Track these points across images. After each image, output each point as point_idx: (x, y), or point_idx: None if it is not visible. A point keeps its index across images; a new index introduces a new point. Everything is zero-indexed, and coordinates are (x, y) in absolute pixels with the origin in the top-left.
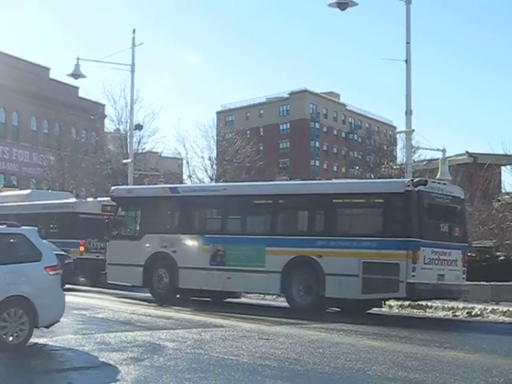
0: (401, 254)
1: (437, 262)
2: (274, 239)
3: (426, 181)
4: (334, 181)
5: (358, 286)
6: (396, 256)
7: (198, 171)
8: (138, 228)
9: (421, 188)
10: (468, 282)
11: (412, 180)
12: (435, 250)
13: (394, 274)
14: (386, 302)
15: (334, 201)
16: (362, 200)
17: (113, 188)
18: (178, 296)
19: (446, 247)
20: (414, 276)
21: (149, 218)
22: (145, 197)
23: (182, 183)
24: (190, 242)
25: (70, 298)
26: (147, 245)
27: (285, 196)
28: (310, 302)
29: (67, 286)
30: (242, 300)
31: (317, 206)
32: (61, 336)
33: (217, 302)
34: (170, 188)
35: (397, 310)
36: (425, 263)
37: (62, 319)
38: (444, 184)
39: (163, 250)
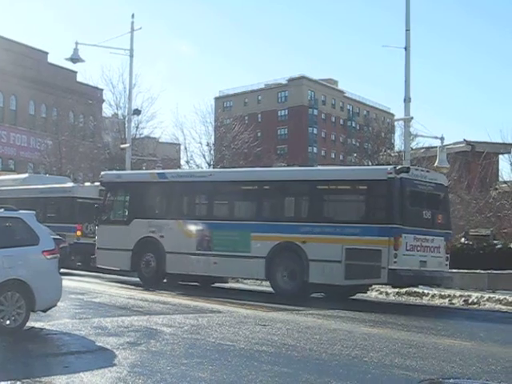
0: (383, 240)
1: (419, 248)
2: (260, 225)
3: (409, 168)
4: (318, 168)
5: (341, 272)
6: (378, 242)
7: (196, 157)
8: (126, 213)
9: (403, 175)
10: (465, 270)
11: (394, 167)
12: (417, 236)
13: (376, 261)
14: (383, 289)
15: (318, 187)
16: (346, 187)
17: (102, 173)
18: (165, 281)
19: (428, 234)
20: (395, 262)
21: (137, 204)
22: (133, 182)
23: (179, 169)
24: (178, 228)
25: (66, 282)
26: (135, 230)
27: (270, 182)
28: (294, 288)
29: (63, 270)
30: (231, 285)
31: (301, 193)
32: (58, 320)
33: (205, 287)
34: (157, 173)
35: (393, 298)
36: (407, 250)
37: (58, 303)
38: (427, 171)
39: (151, 235)
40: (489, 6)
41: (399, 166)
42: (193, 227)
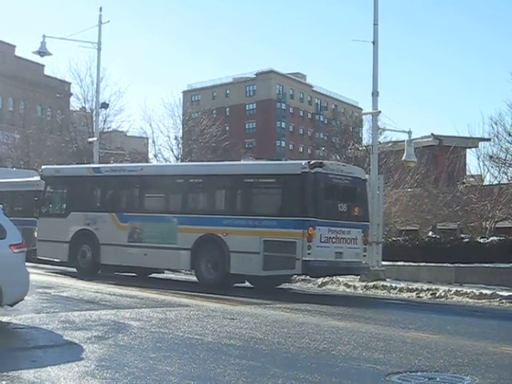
0: (297, 232)
1: (334, 240)
2: (185, 218)
3: (322, 162)
4: (237, 162)
5: (259, 263)
6: (292, 235)
7: (164, 150)
8: (64, 206)
9: (317, 169)
10: (432, 264)
11: (308, 162)
12: (332, 228)
13: (291, 252)
14: (351, 283)
15: (238, 181)
16: (264, 181)
17: (42, 167)
18: (99, 272)
19: (344, 226)
20: (309, 254)
21: (74, 197)
22: (71, 176)
23: (147, 162)
24: (111, 220)
25: (34, 276)
26: (73, 222)
27: (195, 176)
28: (217, 278)
29: (30, 263)
30: (167, 275)
31: (222, 187)
32: (25, 314)
33: (142, 277)
34: (93, 168)
35: (361, 291)
36: (321, 241)
37: (26, 297)
38: (343, 165)
39: (87, 228)
40: None
41: (313, 161)
42: (124, 220)
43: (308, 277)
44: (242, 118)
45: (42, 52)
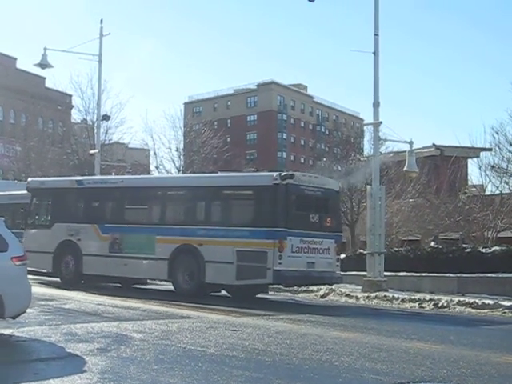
0: (268, 243)
1: (306, 250)
2: (163, 229)
3: (293, 174)
4: (211, 174)
5: (233, 272)
6: (264, 245)
7: (166, 162)
8: (49, 217)
9: (289, 181)
10: (435, 274)
11: (280, 174)
12: (304, 239)
13: (262, 262)
14: (353, 294)
15: (212, 193)
16: (237, 192)
17: (28, 180)
18: (82, 282)
19: (316, 236)
20: (280, 263)
21: (58, 208)
22: (55, 188)
23: (149, 174)
24: (92, 231)
25: (35, 288)
26: (56, 233)
27: (172, 188)
28: (193, 287)
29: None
30: (151, 286)
31: (198, 198)
32: (27, 327)
33: (126, 288)
34: (76, 180)
35: (363, 302)
36: (292, 251)
37: (28, 310)
38: (316, 177)
39: (70, 239)
40: (460, 6)
41: (284, 173)
42: (105, 231)
43: (309, 287)
44: (243, 130)
45: (44, 64)
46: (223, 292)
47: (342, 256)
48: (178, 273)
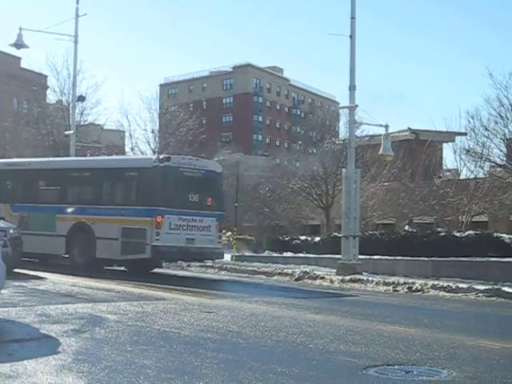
0: (147, 220)
1: (185, 227)
2: (62, 208)
3: (170, 157)
4: (100, 157)
5: (118, 248)
6: (143, 222)
7: (141, 144)
8: None
9: (167, 163)
10: (409, 258)
11: (158, 157)
12: (183, 217)
13: (142, 238)
14: (328, 277)
15: (102, 175)
16: (122, 174)
17: None
18: None
19: (196, 215)
20: (158, 239)
21: None
22: None
23: (124, 155)
24: (4, 210)
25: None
26: None
27: (69, 170)
28: (86, 262)
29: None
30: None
31: (90, 180)
32: (1, 308)
33: (43, 263)
34: None
35: (338, 285)
36: (170, 228)
37: (2, 291)
38: (197, 159)
39: None
40: None
41: (162, 156)
42: (15, 209)
43: (284, 270)
44: (219, 112)
45: (19, 44)
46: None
47: (317, 239)
48: (74, 248)
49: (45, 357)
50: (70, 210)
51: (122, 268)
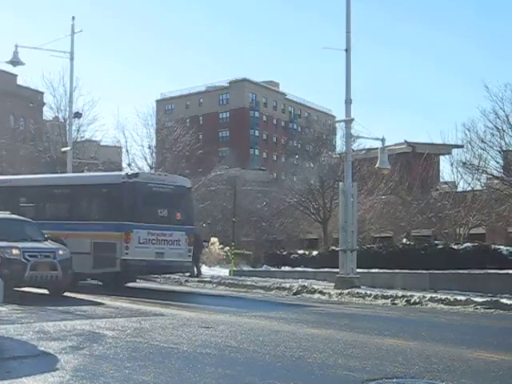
0: (116, 235)
1: (154, 241)
2: (38, 223)
3: (138, 173)
4: (72, 174)
5: (90, 262)
6: (113, 237)
7: (138, 159)
8: None
9: (135, 179)
10: (407, 271)
11: (127, 173)
12: (152, 231)
13: (112, 252)
14: (326, 291)
15: (74, 191)
16: (94, 190)
17: None
18: None
19: (165, 229)
20: (127, 254)
21: None
22: None
23: (121, 171)
24: None
25: None
26: None
27: (44, 187)
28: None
29: None
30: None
31: (63, 196)
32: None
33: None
34: None
35: (336, 298)
36: (140, 243)
37: (0, 308)
38: (165, 175)
39: None
40: (433, 10)
41: (130, 172)
42: None
43: (282, 284)
44: (216, 127)
45: (15, 62)
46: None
47: (315, 253)
48: None
49: (43, 374)
50: (45, 225)
51: (97, 282)
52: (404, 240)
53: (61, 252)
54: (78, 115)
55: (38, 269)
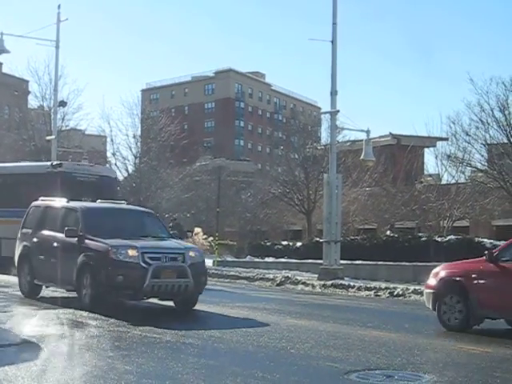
0: None
1: None
2: None
3: (62, 164)
4: (2, 164)
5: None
6: None
7: (123, 149)
8: None
9: (59, 169)
10: (390, 263)
11: (52, 164)
12: None
13: None
14: (309, 282)
15: (7, 179)
16: (22, 179)
17: None
18: None
19: None
20: None
21: None
22: None
23: (106, 161)
24: None
25: None
26: None
27: None
28: None
29: None
30: None
31: None
32: None
33: None
34: None
35: (319, 290)
36: None
37: None
38: (91, 166)
39: None
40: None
41: (55, 163)
42: None
43: (266, 275)
44: (201, 117)
45: (0, 50)
46: None
47: (299, 244)
48: None
49: (26, 362)
50: None
51: None
52: (388, 232)
53: (192, 253)
54: (62, 104)
55: (161, 275)
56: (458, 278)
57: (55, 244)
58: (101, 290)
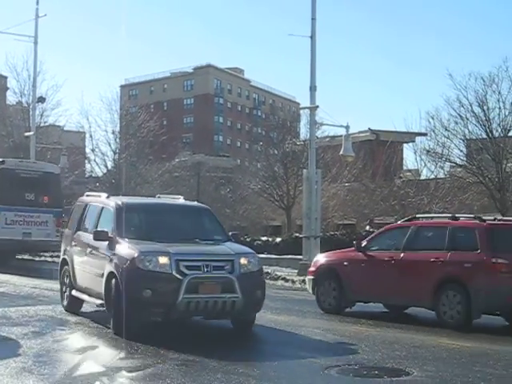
0: None
1: (21, 222)
2: None
3: (4, 161)
4: None
5: None
6: None
7: (102, 145)
8: None
9: (2, 166)
10: None
11: None
12: (19, 213)
13: None
14: (289, 277)
15: None
16: None
17: None
18: None
19: (32, 211)
20: None
21: None
22: None
23: (85, 157)
24: None
25: None
26: None
27: None
28: None
29: None
30: None
31: None
32: None
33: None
34: None
35: (299, 285)
36: (6, 224)
37: None
38: (34, 163)
39: None
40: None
41: None
42: None
43: None
44: (180, 113)
45: None
46: None
47: (278, 239)
48: None
49: (5, 359)
50: None
51: None
52: (367, 227)
53: (243, 260)
54: (41, 100)
55: (200, 289)
56: (333, 266)
57: (88, 249)
58: (125, 307)
